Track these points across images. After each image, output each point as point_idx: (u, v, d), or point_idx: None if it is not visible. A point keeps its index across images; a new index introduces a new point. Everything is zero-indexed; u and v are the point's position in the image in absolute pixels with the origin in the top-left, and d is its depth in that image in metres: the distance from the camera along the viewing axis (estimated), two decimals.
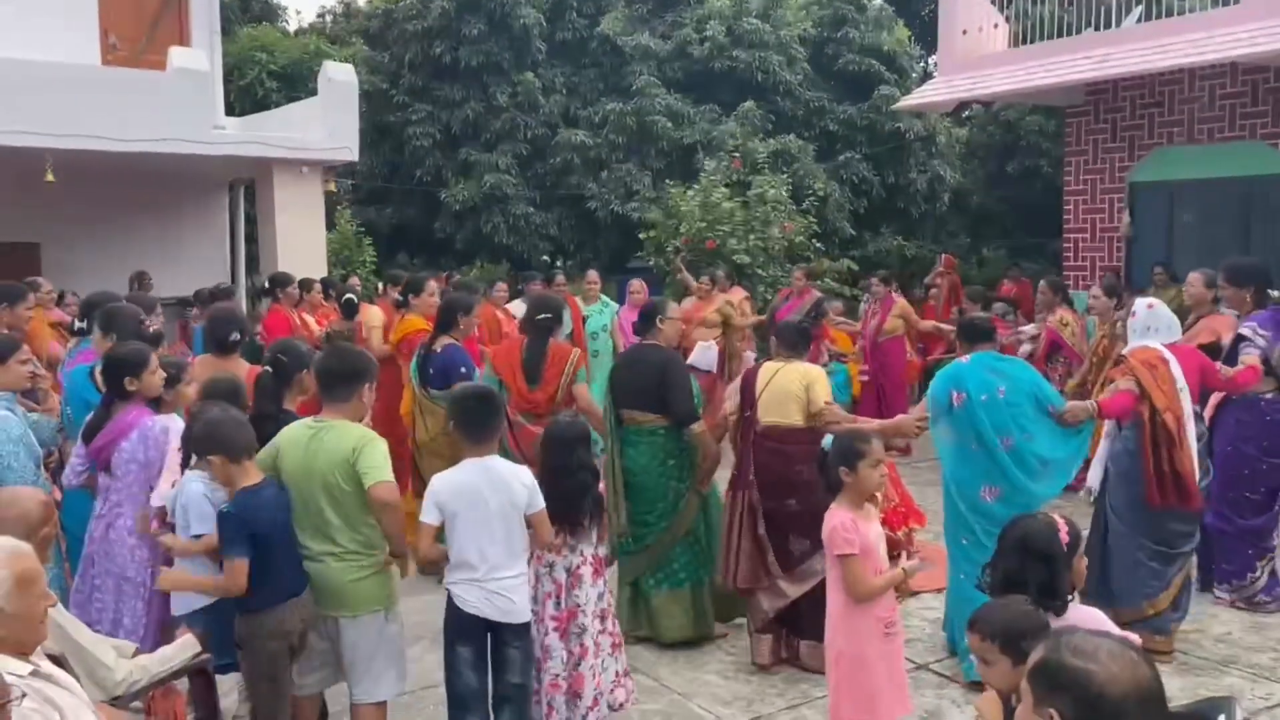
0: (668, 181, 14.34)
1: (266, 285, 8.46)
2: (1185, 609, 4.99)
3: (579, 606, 3.97)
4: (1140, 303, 5.28)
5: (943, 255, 13.74)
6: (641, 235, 13.65)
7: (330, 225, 14.82)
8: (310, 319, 8.05)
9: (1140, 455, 4.81)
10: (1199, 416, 5.10)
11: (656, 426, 5.03)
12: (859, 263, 15.14)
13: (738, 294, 9.97)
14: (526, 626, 3.75)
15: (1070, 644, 1.73)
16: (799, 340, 5.01)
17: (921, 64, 20.49)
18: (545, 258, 18.14)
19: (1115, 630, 2.73)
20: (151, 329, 5.47)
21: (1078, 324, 8.02)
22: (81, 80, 9.91)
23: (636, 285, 10.01)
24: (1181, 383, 4.85)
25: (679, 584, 5.12)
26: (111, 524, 4.07)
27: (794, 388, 4.74)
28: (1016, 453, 4.48)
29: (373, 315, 7.88)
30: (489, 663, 3.74)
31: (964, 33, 13.54)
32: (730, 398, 5.10)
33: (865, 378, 9.51)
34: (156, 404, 4.18)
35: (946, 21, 13.79)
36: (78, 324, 5.65)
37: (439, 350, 5.77)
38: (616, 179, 16.51)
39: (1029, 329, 8.58)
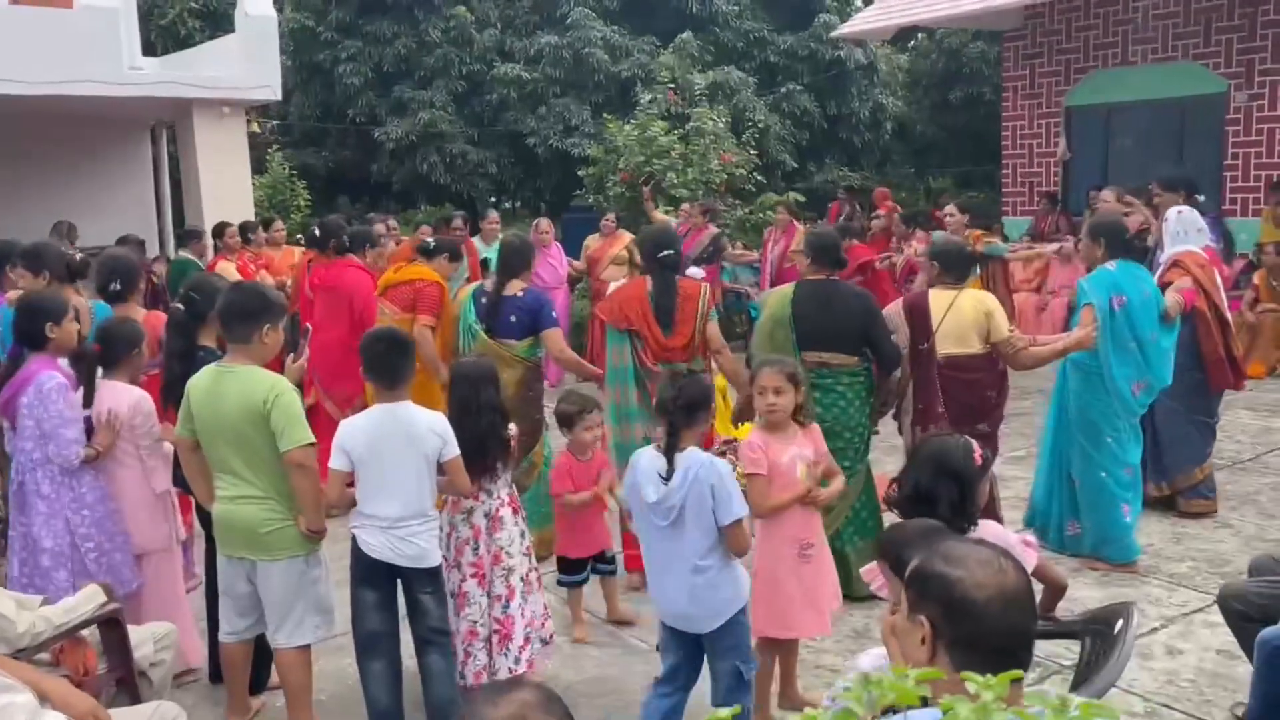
0: (606, 116, 14.10)
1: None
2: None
3: (503, 549, 3.91)
4: (1171, 211, 5.76)
5: (876, 190, 13.71)
6: (581, 173, 13.46)
7: (262, 169, 14.44)
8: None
9: (1203, 344, 5.47)
10: None
11: (856, 369, 4.67)
12: (804, 194, 15.08)
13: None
14: (436, 571, 3.68)
15: (941, 552, 1.75)
16: (963, 265, 4.93)
17: None
18: (492, 199, 17.86)
19: (1012, 539, 2.78)
20: (78, 258, 5.36)
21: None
22: None
23: (545, 225, 9.75)
24: (1219, 280, 5.56)
25: (869, 533, 4.75)
26: (23, 485, 3.93)
27: (972, 315, 4.70)
28: (1156, 346, 5.01)
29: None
30: (399, 607, 3.70)
31: None
32: (895, 331, 4.82)
33: None
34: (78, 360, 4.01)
35: None
36: None
37: (518, 294, 5.18)
38: (555, 114, 16.23)
39: (1050, 247, 8.89)
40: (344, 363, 5.76)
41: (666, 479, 3.22)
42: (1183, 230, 5.62)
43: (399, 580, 3.67)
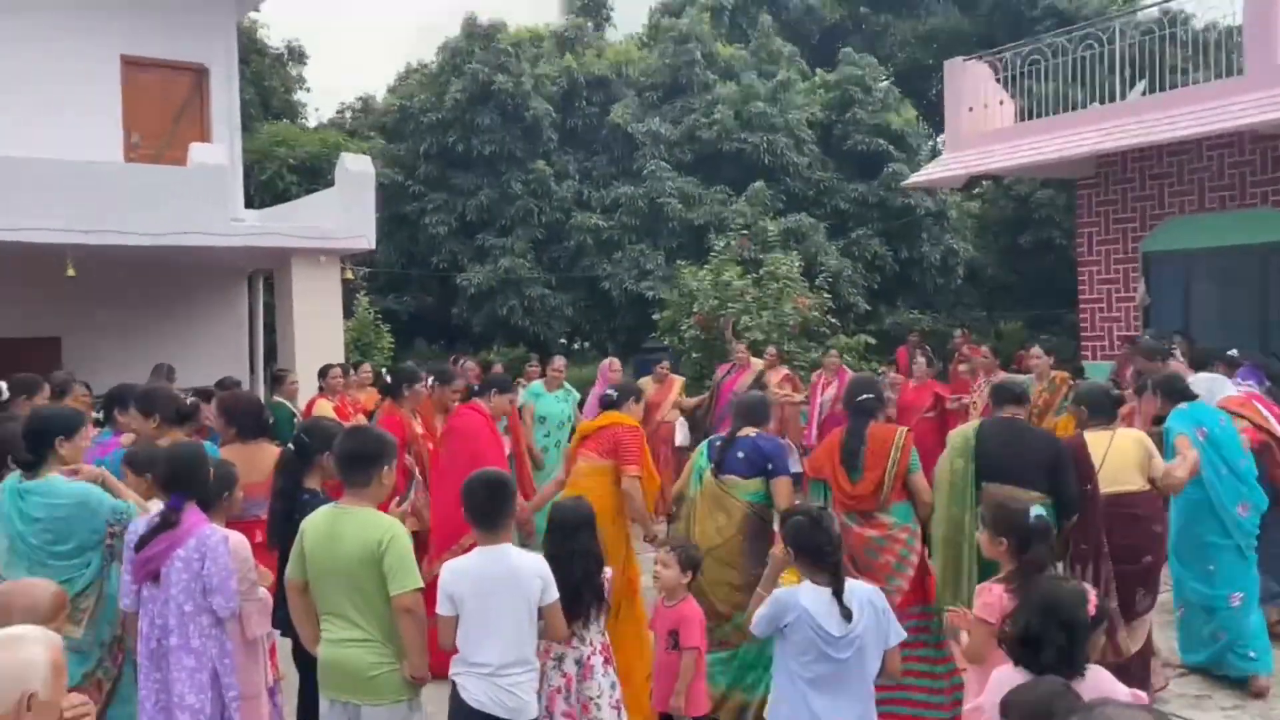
0: (679, 261, 14.44)
1: (390, 380, 6.63)
2: None
3: (591, 699, 3.85)
4: (1198, 378, 6.32)
5: (959, 331, 13.71)
6: (655, 315, 13.72)
7: (348, 313, 14.98)
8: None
9: (1272, 472, 5.72)
10: None
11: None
12: (876, 336, 15.15)
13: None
14: None
15: (1104, 717, 1.68)
16: (1109, 406, 5.27)
17: (930, 142, 20.75)
18: (562, 340, 18.23)
19: (1121, 692, 2.74)
20: (189, 401, 5.52)
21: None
22: (104, 177, 10.14)
23: (617, 364, 9.75)
24: (1266, 413, 5.96)
25: None
26: (165, 641, 3.73)
27: (1134, 453, 5.01)
28: (1249, 469, 5.41)
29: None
30: None
31: (970, 110, 13.73)
32: None
33: None
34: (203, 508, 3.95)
35: (953, 99, 14.00)
36: (94, 416, 5.67)
37: (753, 434, 5.08)
38: (630, 259, 16.68)
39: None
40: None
41: (847, 616, 3.37)
42: (1208, 390, 6.07)
43: None
